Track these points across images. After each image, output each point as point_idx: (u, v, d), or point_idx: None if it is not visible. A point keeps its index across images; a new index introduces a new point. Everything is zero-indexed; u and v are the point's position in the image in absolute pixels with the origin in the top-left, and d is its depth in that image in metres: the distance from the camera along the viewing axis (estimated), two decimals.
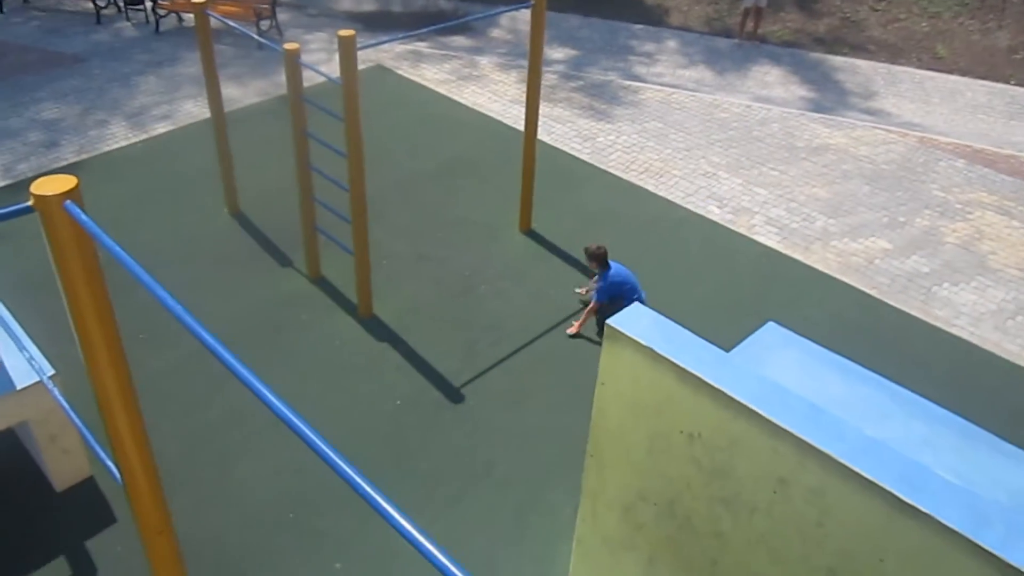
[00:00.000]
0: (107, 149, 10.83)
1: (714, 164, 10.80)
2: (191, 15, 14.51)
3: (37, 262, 8.06)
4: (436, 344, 7.55)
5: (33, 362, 4.27)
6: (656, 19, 15.53)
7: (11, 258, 8.21)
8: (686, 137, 11.47)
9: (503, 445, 6.58)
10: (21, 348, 4.36)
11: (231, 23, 7.98)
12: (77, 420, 3.76)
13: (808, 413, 3.55)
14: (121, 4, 15.18)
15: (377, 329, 7.69)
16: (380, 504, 1.77)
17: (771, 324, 5.87)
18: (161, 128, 11.34)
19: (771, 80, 13.46)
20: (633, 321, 4.26)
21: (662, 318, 4.16)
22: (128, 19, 15.07)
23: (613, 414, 4.61)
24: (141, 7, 15.00)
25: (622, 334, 4.25)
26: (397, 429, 6.69)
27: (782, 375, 5.05)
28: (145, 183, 9.96)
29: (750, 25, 14.71)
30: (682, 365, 3.87)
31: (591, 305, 7.58)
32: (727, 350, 4.97)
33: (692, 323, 4.27)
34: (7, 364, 5.63)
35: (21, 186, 9.89)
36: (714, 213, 9.75)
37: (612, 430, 4.67)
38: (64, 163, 10.45)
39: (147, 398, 3.29)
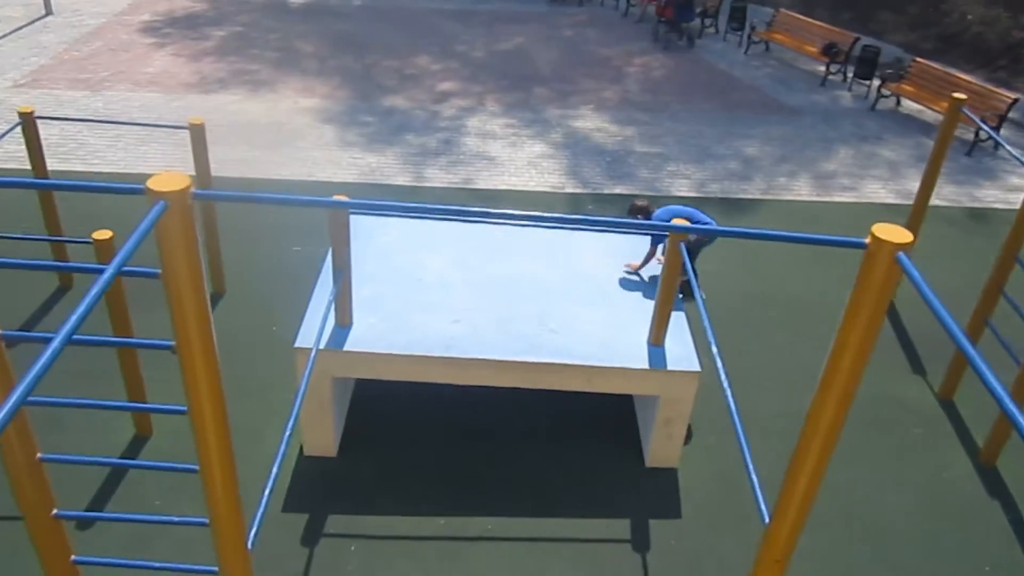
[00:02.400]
0: (787, 198, 11.53)
1: None
2: (908, 101, 14.56)
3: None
4: None
5: (693, 356, 4.78)
6: None
7: None
8: None
9: None
10: (685, 342, 4.91)
11: (984, 126, 7.77)
12: (737, 419, 4.09)
13: None
14: (849, 75, 15.88)
15: (993, 482, 6.93)
16: None
17: None
18: (840, 197, 11.67)
19: None
20: None
21: None
22: (850, 90, 15.72)
23: None
24: (868, 83, 15.49)
25: None
26: None
27: None
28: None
29: None
30: None
31: (648, 251, 7.19)
32: None
33: None
34: (669, 348, 6.34)
35: (704, 201, 11.07)
36: None
37: None
38: (746, 197, 11.42)
39: None
